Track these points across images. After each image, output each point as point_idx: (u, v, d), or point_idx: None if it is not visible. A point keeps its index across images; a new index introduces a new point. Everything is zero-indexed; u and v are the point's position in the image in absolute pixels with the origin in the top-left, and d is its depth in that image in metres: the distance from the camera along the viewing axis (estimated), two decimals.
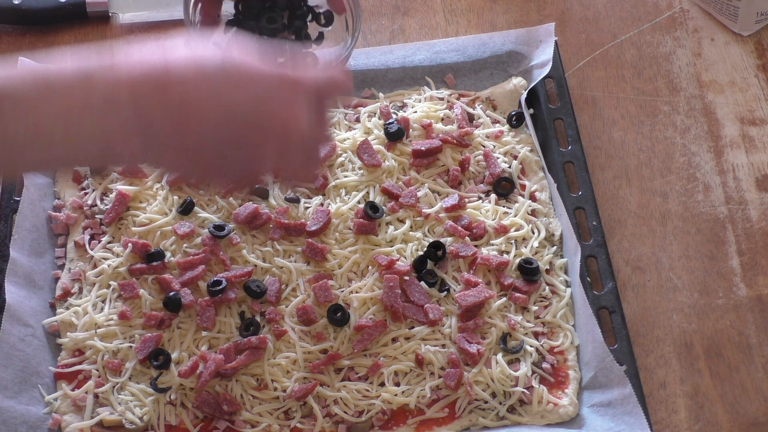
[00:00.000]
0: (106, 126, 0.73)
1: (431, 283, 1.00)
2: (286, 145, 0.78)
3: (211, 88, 0.74)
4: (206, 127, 0.75)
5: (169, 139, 0.75)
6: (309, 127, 0.78)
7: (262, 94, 0.76)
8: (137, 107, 0.73)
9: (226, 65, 0.75)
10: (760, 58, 1.18)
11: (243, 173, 0.80)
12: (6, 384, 0.93)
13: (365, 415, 0.94)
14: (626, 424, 0.92)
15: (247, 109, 0.75)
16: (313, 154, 0.83)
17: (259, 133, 0.77)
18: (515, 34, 1.16)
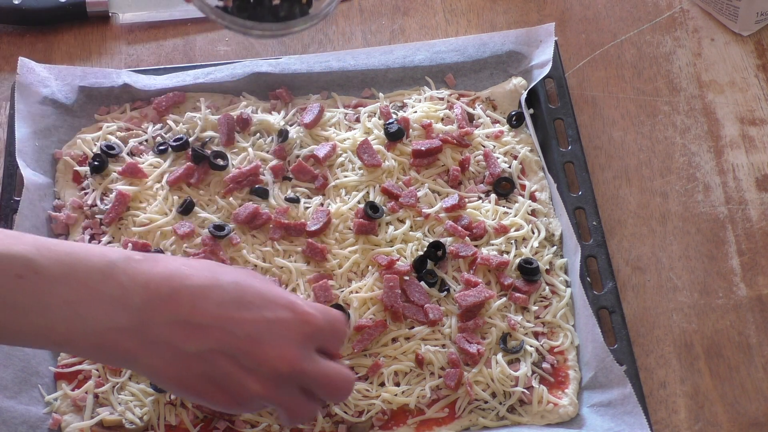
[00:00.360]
0: (110, 322, 0.75)
1: (431, 283, 1.00)
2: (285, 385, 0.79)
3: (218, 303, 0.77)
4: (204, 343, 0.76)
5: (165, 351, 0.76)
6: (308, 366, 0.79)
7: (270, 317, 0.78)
8: (146, 311, 0.75)
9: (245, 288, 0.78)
10: (760, 58, 1.18)
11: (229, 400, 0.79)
12: (6, 384, 0.93)
13: (365, 415, 0.94)
14: (626, 424, 0.92)
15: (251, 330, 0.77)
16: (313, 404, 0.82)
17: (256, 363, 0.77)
18: (515, 34, 1.16)
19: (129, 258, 0.76)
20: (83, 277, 0.74)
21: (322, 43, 1.20)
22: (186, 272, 0.77)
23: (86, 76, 1.13)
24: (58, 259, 0.74)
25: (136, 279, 0.75)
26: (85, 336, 0.75)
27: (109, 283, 0.74)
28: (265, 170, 1.07)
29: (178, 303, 0.76)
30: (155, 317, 0.75)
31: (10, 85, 1.13)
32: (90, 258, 0.75)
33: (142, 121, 1.11)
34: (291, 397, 0.79)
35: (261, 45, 1.20)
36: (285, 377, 0.78)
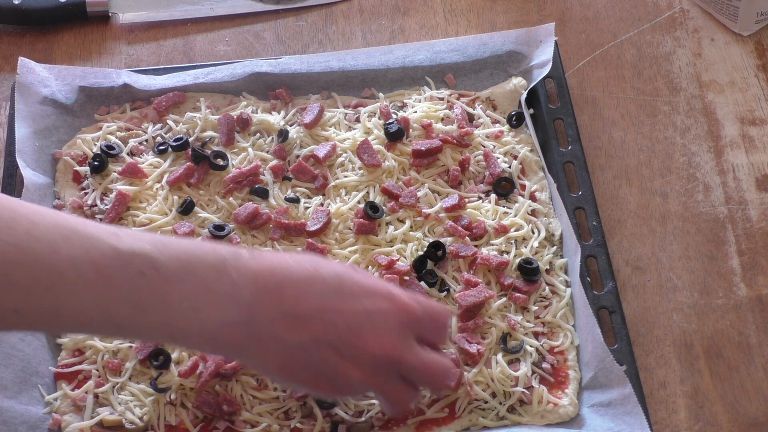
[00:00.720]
0: (223, 317, 0.77)
1: (431, 283, 1.00)
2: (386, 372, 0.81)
3: (321, 296, 0.79)
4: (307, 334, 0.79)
5: (270, 342, 0.79)
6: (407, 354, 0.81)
7: (369, 306, 0.80)
8: (254, 306, 0.77)
9: (344, 277, 0.81)
10: (760, 58, 1.18)
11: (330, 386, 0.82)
12: (6, 384, 0.93)
13: (365, 415, 0.94)
14: (626, 424, 0.92)
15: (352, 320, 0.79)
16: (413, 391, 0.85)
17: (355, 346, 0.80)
18: (515, 34, 1.16)
19: (238, 254, 0.78)
20: (199, 274, 0.76)
21: (322, 43, 1.20)
22: (289, 265, 0.79)
23: (86, 76, 1.13)
24: (176, 257, 0.76)
25: (245, 274, 0.77)
26: (201, 331, 0.77)
27: (222, 279, 0.77)
28: (265, 170, 1.07)
29: (283, 296, 0.78)
30: (262, 311, 0.78)
31: (10, 85, 1.13)
32: (205, 256, 0.77)
33: (142, 121, 1.11)
34: (391, 384, 0.82)
35: (261, 45, 1.20)
36: (384, 365, 0.81)
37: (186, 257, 0.76)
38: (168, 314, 0.75)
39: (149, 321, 0.76)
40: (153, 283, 0.74)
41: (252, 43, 1.20)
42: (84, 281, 0.72)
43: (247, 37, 1.21)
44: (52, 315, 0.73)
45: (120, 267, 0.73)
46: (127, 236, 0.75)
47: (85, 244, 0.73)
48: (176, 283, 0.75)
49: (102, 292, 0.73)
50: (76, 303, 0.73)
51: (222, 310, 0.77)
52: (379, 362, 0.81)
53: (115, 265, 0.73)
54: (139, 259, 0.74)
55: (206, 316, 0.76)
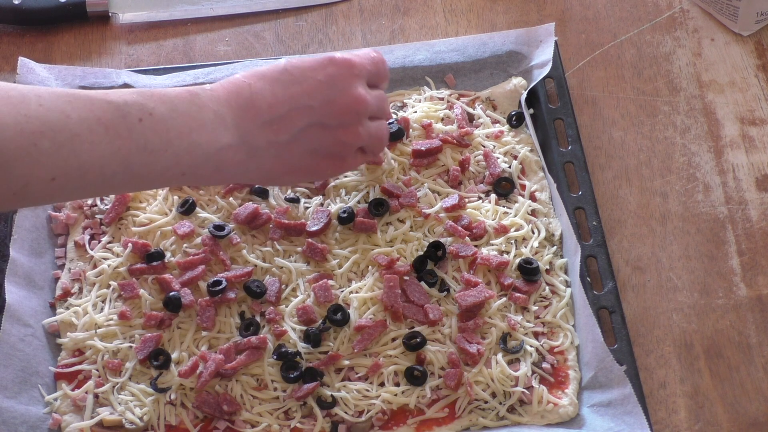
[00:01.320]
0: (218, 142, 0.85)
1: (431, 283, 1.00)
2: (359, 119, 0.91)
3: (283, 91, 0.88)
4: (292, 128, 0.88)
5: (266, 150, 0.88)
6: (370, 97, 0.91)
7: (323, 78, 0.89)
8: (239, 125, 0.86)
9: (287, 67, 0.89)
10: (760, 58, 1.18)
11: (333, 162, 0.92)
12: (6, 384, 0.93)
13: (365, 415, 0.94)
14: (626, 424, 0.92)
15: (317, 97, 0.88)
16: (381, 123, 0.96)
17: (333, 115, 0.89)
18: (515, 34, 1.16)
19: (203, 88, 0.87)
20: (185, 111, 0.84)
21: (322, 43, 1.20)
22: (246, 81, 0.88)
23: (86, 76, 1.13)
24: (161, 101, 0.83)
25: (219, 102, 0.86)
26: (206, 161, 0.85)
27: (203, 111, 0.85)
28: None
29: (257, 108, 0.87)
30: (248, 127, 0.86)
31: None
32: (180, 94, 0.85)
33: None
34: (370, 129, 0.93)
35: (261, 45, 1.20)
36: (362, 115, 0.91)
37: (168, 99, 0.83)
38: (174, 152, 0.82)
39: (161, 164, 0.82)
40: (153, 127, 0.81)
41: (252, 43, 1.20)
42: (97, 137, 0.79)
43: (247, 37, 1.21)
44: (81, 176, 0.79)
45: (121, 117, 0.80)
46: (117, 93, 0.83)
47: (88, 105, 0.80)
48: (170, 123, 0.82)
49: (115, 143, 0.80)
50: (97, 158, 0.79)
51: (216, 136, 0.84)
52: (358, 115, 0.91)
53: (117, 117, 0.80)
54: (134, 108, 0.81)
55: (206, 146, 0.84)
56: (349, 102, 0.90)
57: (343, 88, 0.90)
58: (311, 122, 0.89)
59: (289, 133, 0.88)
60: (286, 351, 0.96)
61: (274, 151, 0.88)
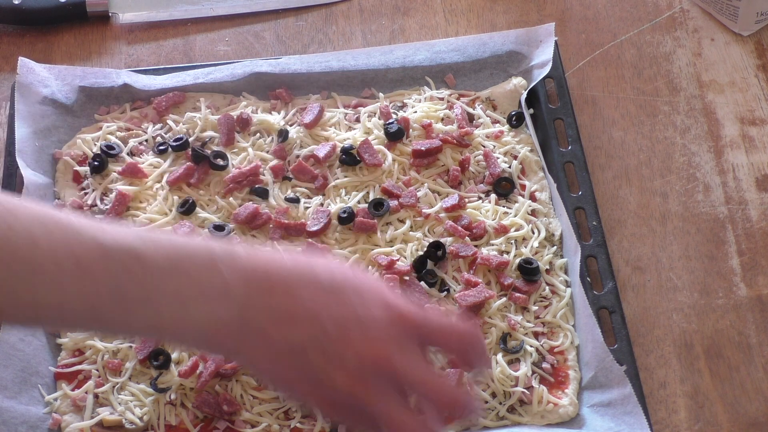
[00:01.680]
0: (216, 316, 0.73)
1: (431, 283, 1.00)
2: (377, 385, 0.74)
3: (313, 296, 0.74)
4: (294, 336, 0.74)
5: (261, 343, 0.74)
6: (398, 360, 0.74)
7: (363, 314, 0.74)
8: (245, 304, 0.73)
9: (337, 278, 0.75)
10: (760, 58, 1.18)
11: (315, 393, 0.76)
12: (6, 384, 0.93)
13: None
14: (626, 424, 0.92)
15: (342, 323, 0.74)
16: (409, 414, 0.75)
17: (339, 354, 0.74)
18: (515, 34, 1.16)
19: (232, 252, 0.75)
20: (189, 271, 0.73)
21: (322, 43, 1.20)
22: (285, 264, 0.76)
23: (86, 76, 1.13)
24: (164, 252, 0.73)
25: (237, 273, 0.74)
26: (192, 329, 0.74)
27: (213, 277, 0.73)
28: (265, 170, 1.07)
29: (273, 292, 0.74)
30: (253, 310, 0.74)
31: (10, 85, 1.13)
32: (195, 252, 0.74)
33: (142, 121, 1.11)
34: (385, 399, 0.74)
35: (261, 45, 1.20)
36: (372, 371, 0.74)
37: (175, 253, 0.73)
38: (154, 311, 0.73)
39: (135, 317, 0.73)
40: (138, 278, 0.71)
41: (252, 43, 1.20)
42: (64, 275, 0.70)
43: (247, 37, 1.21)
44: (32, 308, 0.71)
45: (102, 260, 0.71)
46: (114, 230, 0.72)
47: (68, 238, 0.70)
48: (163, 279, 0.72)
49: (83, 286, 0.70)
50: (56, 296, 0.70)
51: (212, 308, 0.73)
52: (364, 366, 0.74)
53: (97, 258, 0.70)
54: (123, 254, 0.71)
55: (196, 314, 0.73)
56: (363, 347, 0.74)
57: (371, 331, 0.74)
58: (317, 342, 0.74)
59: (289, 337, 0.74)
60: None
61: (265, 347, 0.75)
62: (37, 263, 0.69)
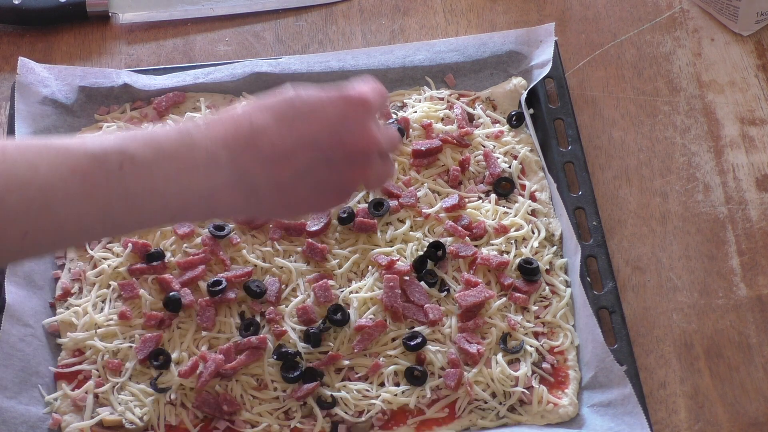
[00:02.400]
0: (211, 183, 0.78)
1: (431, 283, 1.00)
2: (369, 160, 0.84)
3: (289, 127, 0.81)
4: (296, 166, 0.81)
5: (267, 188, 0.81)
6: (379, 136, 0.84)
7: (335, 116, 0.82)
8: (234, 163, 0.79)
9: (295, 101, 0.82)
10: (760, 58, 1.18)
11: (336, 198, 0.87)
12: (6, 384, 0.93)
13: (365, 415, 0.94)
14: (626, 424, 0.92)
15: (326, 136, 0.81)
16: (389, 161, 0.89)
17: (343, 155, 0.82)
18: (515, 34, 1.16)
19: (197, 125, 0.80)
20: (173, 154, 0.77)
21: (322, 43, 1.20)
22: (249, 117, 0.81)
23: (86, 76, 1.13)
24: (145, 144, 0.77)
25: (214, 140, 0.79)
26: (197, 203, 0.79)
27: (195, 152, 0.78)
28: None
29: (258, 146, 0.80)
30: (247, 166, 0.79)
31: (10, 85, 1.13)
32: (169, 135, 0.79)
33: (142, 121, 1.11)
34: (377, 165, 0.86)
35: (261, 45, 1.20)
36: (371, 154, 0.84)
37: (154, 142, 0.77)
38: (161, 199, 0.77)
39: (147, 210, 0.77)
40: (135, 174, 0.75)
41: (252, 43, 1.20)
42: (72, 189, 0.73)
43: (247, 37, 1.21)
44: (57, 230, 0.74)
45: (98, 166, 0.74)
46: (96, 139, 0.77)
47: (60, 156, 0.74)
48: (155, 169, 0.76)
49: (92, 194, 0.74)
50: (73, 211, 0.74)
51: (207, 177, 0.78)
52: (367, 154, 0.84)
53: (93, 166, 0.74)
54: (113, 156, 0.75)
55: (196, 188, 0.78)
56: (362, 143, 0.83)
57: (355, 128, 0.83)
58: (317, 160, 0.82)
59: (292, 171, 0.81)
60: (286, 351, 0.96)
61: (275, 190, 0.82)
62: (44, 185, 0.72)
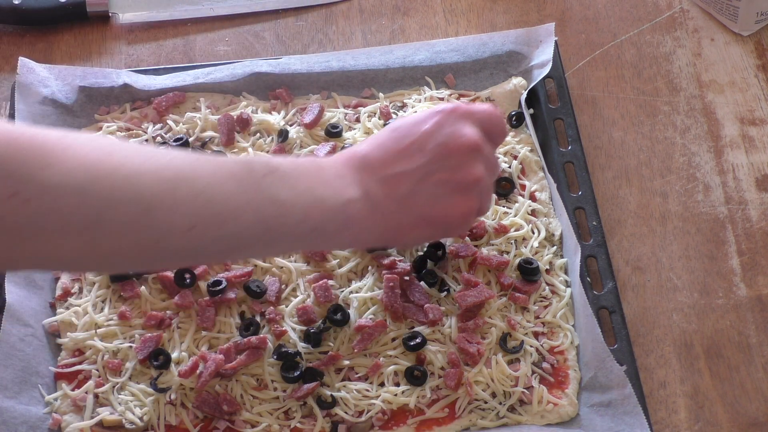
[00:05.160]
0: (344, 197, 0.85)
1: (431, 283, 1.00)
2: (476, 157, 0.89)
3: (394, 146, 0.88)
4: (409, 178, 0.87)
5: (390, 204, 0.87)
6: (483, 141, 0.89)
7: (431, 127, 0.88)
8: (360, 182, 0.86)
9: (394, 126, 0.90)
10: (760, 58, 1.18)
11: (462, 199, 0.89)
12: (6, 384, 0.93)
13: (365, 415, 0.94)
14: (626, 424, 0.92)
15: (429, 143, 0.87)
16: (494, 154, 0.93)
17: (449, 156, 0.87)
18: (515, 34, 1.16)
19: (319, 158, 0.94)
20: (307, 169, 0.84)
21: (322, 43, 1.21)
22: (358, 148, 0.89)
23: (86, 76, 1.13)
24: (284, 159, 0.85)
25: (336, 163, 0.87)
26: (334, 215, 0.84)
27: (324, 170, 0.86)
28: None
29: (373, 167, 0.87)
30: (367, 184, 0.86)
31: (10, 85, 1.13)
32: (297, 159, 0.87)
33: (142, 121, 1.11)
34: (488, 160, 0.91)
35: (261, 45, 1.20)
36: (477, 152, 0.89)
37: (290, 160, 0.85)
38: (303, 206, 0.82)
39: (292, 218, 0.82)
40: (279, 183, 0.81)
41: (252, 43, 1.20)
42: (229, 187, 0.79)
43: (247, 37, 1.21)
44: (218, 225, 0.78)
45: (248, 172, 0.80)
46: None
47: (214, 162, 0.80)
48: (295, 180, 0.82)
49: (247, 194, 0.79)
50: (232, 208, 0.79)
51: (341, 192, 0.84)
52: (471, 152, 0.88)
53: (244, 171, 0.80)
54: (258, 165, 0.82)
55: (331, 200, 0.84)
56: (460, 141, 0.88)
57: (451, 131, 0.88)
58: (428, 171, 0.87)
59: (407, 184, 0.87)
60: (286, 351, 0.96)
61: (396, 204, 0.87)
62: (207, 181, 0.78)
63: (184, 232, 0.76)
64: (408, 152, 0.87)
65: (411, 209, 0.87)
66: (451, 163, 0.87)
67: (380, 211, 0.86)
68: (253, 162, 0.83)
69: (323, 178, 0.84)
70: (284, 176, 0.82)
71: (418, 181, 0.87)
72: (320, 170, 0.85)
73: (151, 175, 0.75)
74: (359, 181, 0.86)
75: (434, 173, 0.87)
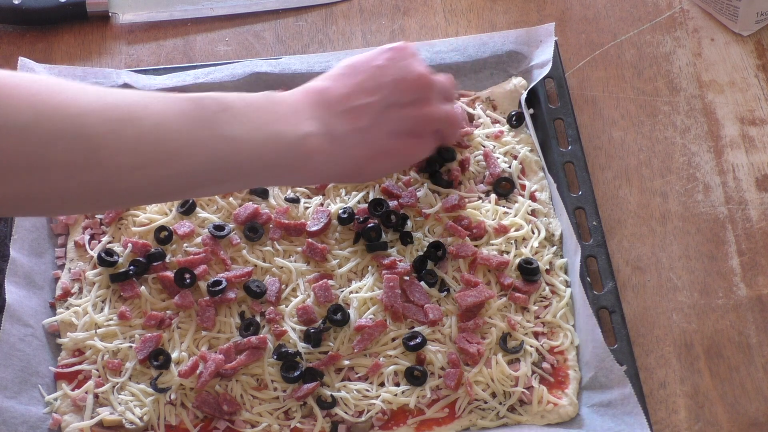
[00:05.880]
0: (299, 131, 0.84)
1: (431, 283, 1.00)
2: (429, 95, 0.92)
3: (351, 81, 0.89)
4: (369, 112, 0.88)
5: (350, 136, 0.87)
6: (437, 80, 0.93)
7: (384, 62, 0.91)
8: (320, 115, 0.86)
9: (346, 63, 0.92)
10: (760, 58, 1.18)
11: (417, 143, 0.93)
12: (6, 384, 0.93)
13: (365, 415, 0.94)
14: (626, 424, 0.92)
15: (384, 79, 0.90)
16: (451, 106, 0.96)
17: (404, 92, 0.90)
18: (515, 34, 1.16)
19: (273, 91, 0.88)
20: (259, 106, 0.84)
21: (322, 43, 1.20)
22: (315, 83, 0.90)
23: (86, 76, 1.13)
24: (236, 96, 0.84)
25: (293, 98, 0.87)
26: (289, 150, 0.84)
27: (279, 105, 0.85)
28: None
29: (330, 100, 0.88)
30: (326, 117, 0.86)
31: None
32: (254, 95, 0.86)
33: None
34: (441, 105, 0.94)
35: (261, 45, 1.20)
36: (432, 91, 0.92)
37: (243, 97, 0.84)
38: (257, 143, 0.81)
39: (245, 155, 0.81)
40: (230, 120, 0.80)
41: (252, 43, 1.20)
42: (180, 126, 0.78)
43: (247, 37, 1.21)
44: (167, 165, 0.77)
45: (200, 109, 0.79)
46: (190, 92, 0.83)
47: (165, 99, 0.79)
48: (247, 117, 0.81)
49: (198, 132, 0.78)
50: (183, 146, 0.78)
51: (296, 126, 0.84)
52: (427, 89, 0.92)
53: (196, 108, 0.79)
54: (209, 102, 0.81)
55: (288, 134, 0.83)
56: (416, 77, 0.91)
57: (405, 66, 0.91)
58: (387, 104, 0.89)
59: (367, 117, 0.88)
60: (286, 351, 0.96)
61: (357, 137, 0.88)
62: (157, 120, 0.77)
63: (131, 172, 0.76)
64: (366, 86, 0.89)
65: (370, 142, 0.89)
66: (407, 97, 0.90)
67: (340, 144, 0.87)
68: (204, 99, 0.81)
69: (278, 114, 0.84)
70: (237, 113, 0.81)
71: (377, 114, 0.89)
72: (275, 105, 0.85)
73: (98, 114, 0.74)
74: (318, 115, 0.86)
75: (392, 106, 0.89)
